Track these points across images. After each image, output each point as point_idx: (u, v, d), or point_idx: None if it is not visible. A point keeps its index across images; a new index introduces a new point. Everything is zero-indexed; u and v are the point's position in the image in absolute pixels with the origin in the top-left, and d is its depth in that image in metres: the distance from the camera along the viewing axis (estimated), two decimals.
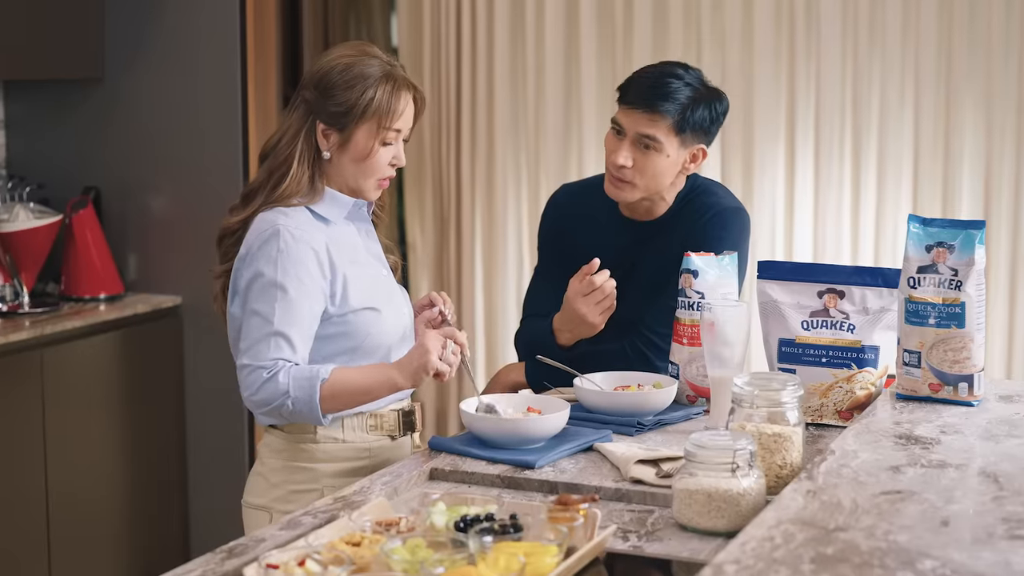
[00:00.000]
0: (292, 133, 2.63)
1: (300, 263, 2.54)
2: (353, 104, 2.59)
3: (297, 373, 2.50)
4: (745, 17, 4.87)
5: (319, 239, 2.58)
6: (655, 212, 3.14)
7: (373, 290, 2.65)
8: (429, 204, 5.45)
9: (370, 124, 2.61)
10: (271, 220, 2.57)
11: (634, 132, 3.02)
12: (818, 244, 4.86)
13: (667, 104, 2.98)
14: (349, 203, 2.67)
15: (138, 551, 4.50)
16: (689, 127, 3.00)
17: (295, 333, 2.53)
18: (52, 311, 4.33)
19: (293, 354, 2.52)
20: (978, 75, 4.59)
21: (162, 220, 4.65)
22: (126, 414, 4.44)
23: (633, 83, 3.06)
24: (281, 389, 2.49)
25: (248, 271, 2.56)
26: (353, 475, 2.60)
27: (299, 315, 2.53)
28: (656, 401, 2.76)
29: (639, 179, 3.04)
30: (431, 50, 5.36)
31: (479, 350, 5.41)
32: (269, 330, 2.52)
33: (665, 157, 3.02)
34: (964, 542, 1.79)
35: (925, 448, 2.26)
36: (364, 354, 2.62)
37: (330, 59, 2.64)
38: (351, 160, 2.63)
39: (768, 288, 2.81)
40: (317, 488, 2.60)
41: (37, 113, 4.74)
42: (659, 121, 2.99)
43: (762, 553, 1.74)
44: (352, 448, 2.64)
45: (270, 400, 2.51)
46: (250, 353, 2.53)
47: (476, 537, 1.87)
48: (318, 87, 2.61)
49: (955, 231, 2.59)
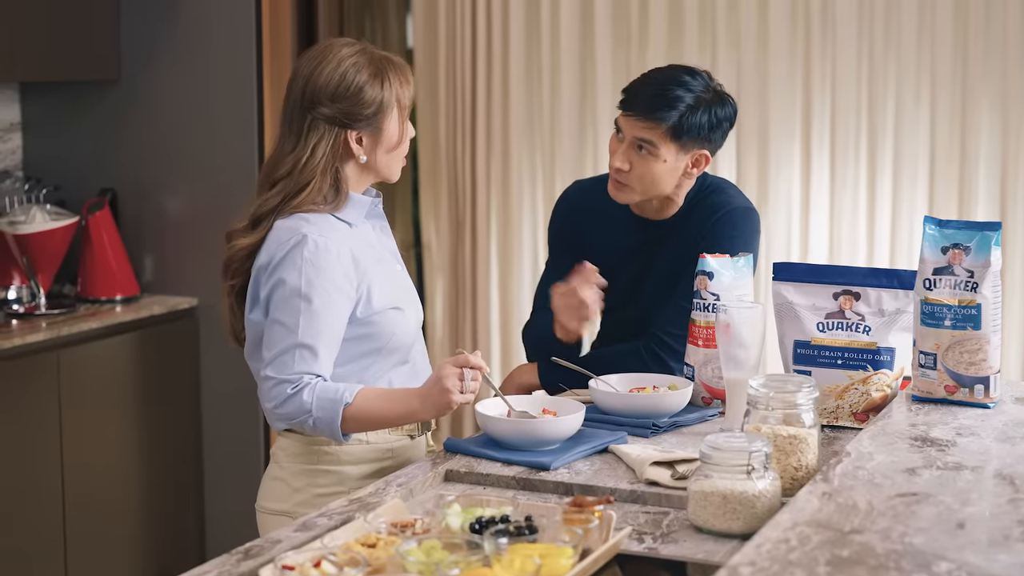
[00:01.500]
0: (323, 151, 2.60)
1: (325, 272, 2.53)
2: (381, 101, 2.61)
3: (322, 392, 2.50)
4: (760, 17, 4.86)
5: (344, 244, 2.58)
6: (666, 212, 3.14)
7: (395, 288, 2.67)
8: (444, 205, 5.45)
9: (394, 111, 2.64)
10: (294, 228, 2.56)
11: (631, 136, 3.02)
12: (834, 245, 4.86)
13: (664, 112, 2.98)
14: (367, 203, 2.68)
15: (154, 552, 4.51)
16: (686, 133, 3.00)
17: (320, 344, 2.52)
18: (68, 312, 4.34)
19: (317, 365, 2.52)
20: (994, 76, 4.58)
21: (178, 221, 4.66)
22: (142, 415, 4.45)
23: (635, 89, 3.07)
24: (305, 408, 2.50)
25: (271, 279, 2.55)
26: (378, 476, 2.60)
27: (324, 326, 2.53)
28: (671, 403, 2.76)
29: (636, 182, 3.04)
30: (446, 51, 5.36)
31: (494, 350, 5.41)
32: (293, 341, 2.51)
33: (662, 162, 3.02)
34: (980, 544, 1.78)
35: (941, 450, 2.26)
36: (388, 353, 2.63)
37: (330, 69, 2.61)
38: (385, 151, 2.66)
39: (783, 290, 2.80)
40: (343, 490, 2.59)
41: (53, 115, 4.75)
42: (655, 127, 2.99)
43: (777, 555, 1.74)
44: (376, 449, 2.65)
45: (293, 415, 2.52)
46: (274, 365, 2.52)
47: (491, 539, 1.87)
48: (336, 99, 2.60)
49: (971, 233, 2.58)
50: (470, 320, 5.44)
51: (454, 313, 5.49)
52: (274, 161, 2.65)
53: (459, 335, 5.48)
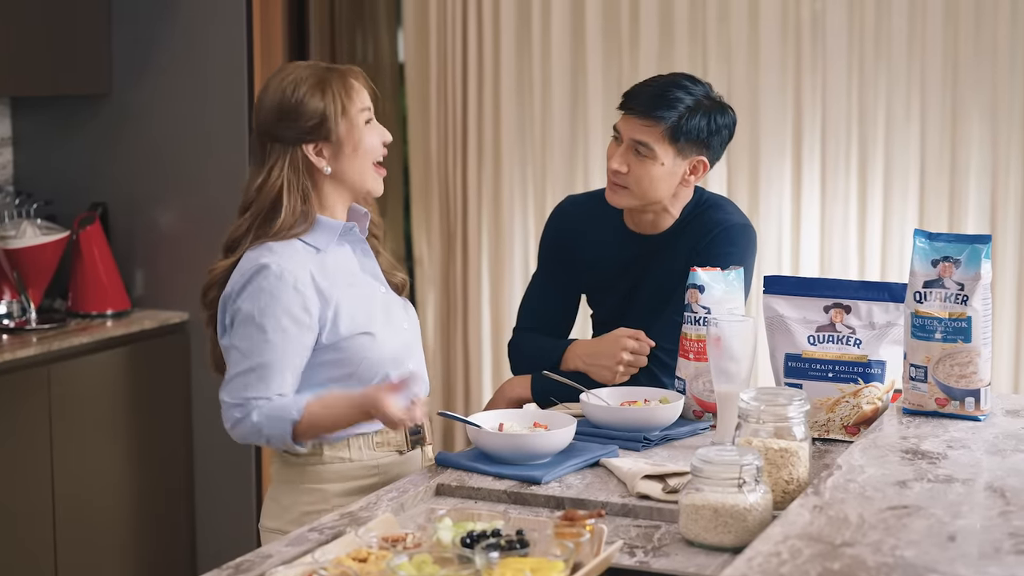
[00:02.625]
0: (279, 171, 2.61)
1: (280, 301, 2.53)
2: (323, 109, 2.60)
3: (270, 411, 2.52)
4: (751, 30, 4.87)
5: (305, 271, 2.57)
6: (660, 226, 3.14)
7: (368, 313, 2.64)
8: (436, 219, 5.45)
9: (345, 117, 2.62)
10: (255, 258, 2.57)
11: (629, 138, 3.03)
12: (824, 258, 4.86)
13: (663, 111, 2.99)
14: (339, 227, 2.66)
15: (145, 565, 4.50)
16: (683, 135, 3.00)
17: (273, 371, 2.54)
18: (59, 327, 4.34)
19: (267, 391, 2.53)
20: (985, 87, 4.59)
21: (169, 236, 4.65)
22: (133, 430, 4.44)
23: (636, 90, 3.08)
24: (255, 428, 2.53)
25: (231, 308, 2.58)
26: (362, 493, 2.59)
27: (278, 353, 2.54)
28: (662, 416, 2.76)
29: (634, 185, 3.04)
30: (437, 65, 5.37)
31: (485, 363, 5.41)
32: (246, 367, 2.54)
33: (660, 165, 3.02)
34: (971, 557, 1.78)
35: (932, 463, 2.26)
36: (360, 380, 2.61)
37: (272, 90, 2.62)
38: (348, 157, 2.63)
39: (774, 303, 2.80)
40: (327, 508, 2.59)
41: (45, 129, 4.75)
42: (653, 127, 3.00)
43: (769, 568, 1.74)
44: (360, 467, 2.64)
45: (247, 436, 2.56)
46: (227, 389, 2.57)
47: (482, 553, 1.87)
48: (281, 118, 2.60)
49: (961, 246, 2.59)
50: (461, 334, 5.44)
51: (445, 327, 5.48)
52: (246, 189, 2.67)
53: (450, 349, 5.48)
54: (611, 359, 3.01)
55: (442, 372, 5.50)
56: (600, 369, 3.03)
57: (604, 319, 3.24)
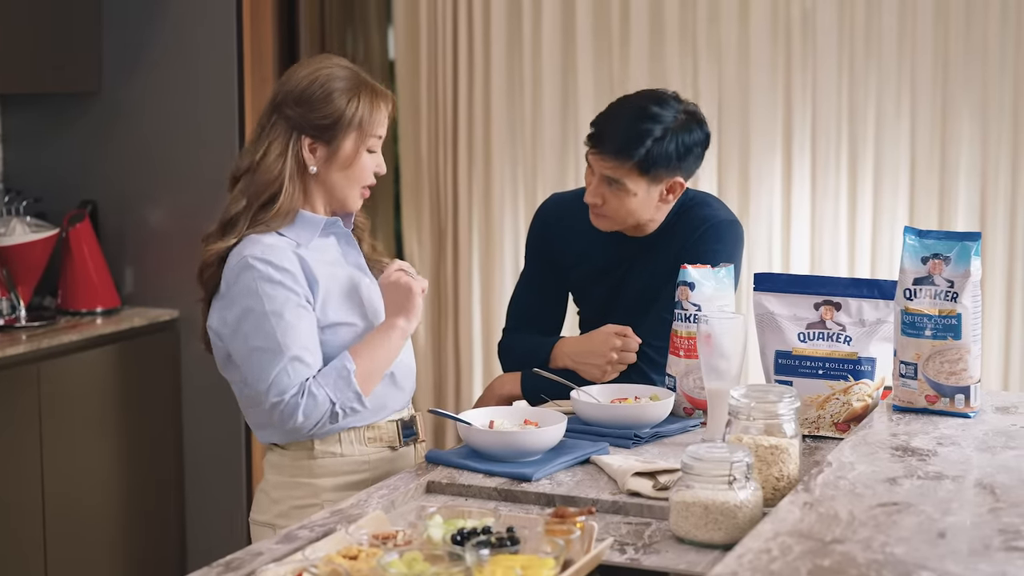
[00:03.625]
0: (277, 152, 2.60)
1: (279, 283, 2.53)
2: (340, 115, 2.59)
3: (325, 381, 2.52)
4: (741, 29, 4.87)
5: (290, 254, 2.57)
6: (646, 229, 3.13)
7: (353, 304, 2.64)
8: (426, 217, 5.45)
9: (356, 133, 2.61)
10: (239, 253, 2.57)
11: (600, 173, 3.02)
12: (815, 256, 4.87)
13: (630, 151, 2.96)
14: (321, 222, 2.65)
15: (135, 562, 4.50)
16: (654, 165, 2.98)
17: (305, 351, 2.53)
18: (49, 325, 4.33)
19: (310, 369, 2.53)
20: (975, 85, 4.60)
21: (159, 233, 4.65)
22: (123, 427, 4.44)
23: (600, 127, 3.03)
24: (324, 402, 2.51)
25: (231, 310, 2.55)
26: (354, 488, 2.60)
27: (299, 331, 2.52)
28: (653, 413, 2.76)
29: (612, 214, 3.04)
30: (428, 63, 5.36)
31: (476, 361, 5.41)
32: (283, 360, 2.51)
33: (633, 196, 3.00)
34: (961, 554, 1.79)
35: (922, 460, 2.26)
36: None
37: (305, 74, 2.62)
38: (337, 171, 2.63)
39: (765, 300, 2.81)
40: (317, 503, 2.60)
41: (35, 127, 4.74)
42: (622, 165, 2.98)
43: (759, 565, 1.74)
44: (350, 461, 2.64)
45: (321, 417, 2.53)
46: (274, 390, 2.51)
47: (473, 550, 1.87)
48: (300, 103, 2.60)
49: (951, 243, 2.59)
50: (452, 332, 5.43)
51: (436, 325, 5.48)
52: (240, 156, 2.67)
53: (441, 346, 5.48)
54: (600, 357, 3.01)
55: (433, 370, 5.50)
56: (589, 367, 3.03)
57: (590, 317, 3.23)
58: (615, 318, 3.10)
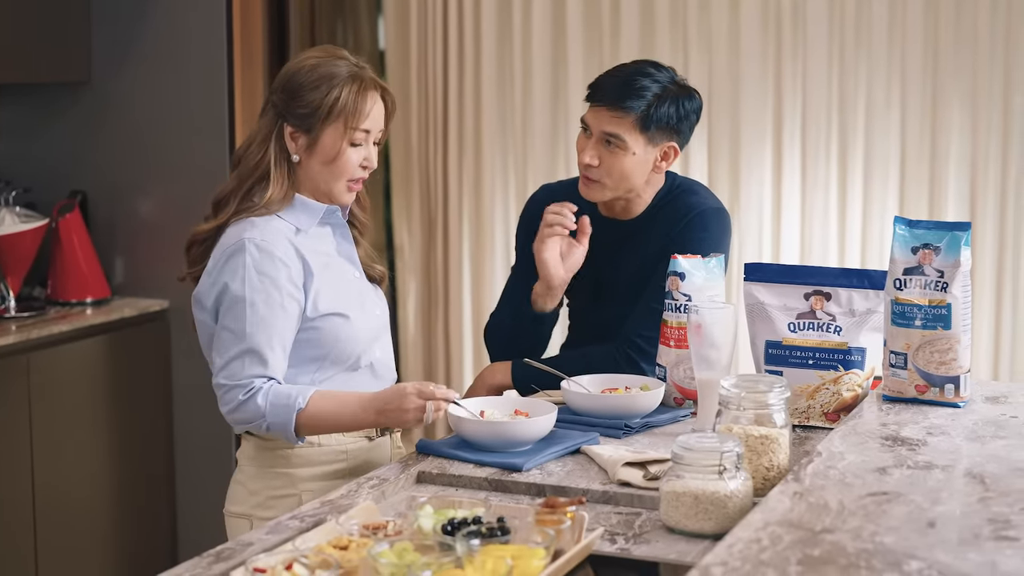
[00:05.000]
0: (262, 138, 2.61)
1: (268, 275, 2.52)
2: (319, 104, 2.57)
3: (275, 397, 2.49)
4: (732, 18, 4.88)
5: (288, 246, 2.56)
6: (633, 211, 3.13)
7: (343, 295, 2.63)
8: (417, 208, 5.45)
9: (337, 125, 2.58)
10: (237, 233, 2.56)
11: (599, 131, 3.02)
12: (805, 246, 4.87)
13: (631, 101, 2.98)
14: (321, 209, 2.64)
15: (126, 553, 4.50)
16: (654, 123, 3.00)
17: (268, 347, 2.51)
18: (39, 315, 4.32)
19: (268, 368, 2.51)
20: (964, 74, 4.60)
21: (149, 224, 4.64)
22: (113, 418, 4.43)
23: (601, 82, 3.06)
24: (259, 412, 2.49)
25: (215, 287, 2.55)
26: (331, 478, 2.60)
27: (271, 328, 2.51)
28: (643, 403, 2.76)
29: (607, 178, 3.04)
30: (418, 53, 5.36)
31: (467, 352, 5.41)
32: (242, 348, 2.50)
33: (631, 155, 3.01)
34: (950, 543, 1.79)
35: (911, 449, 2.27)
36: (334, 361, 2.61)
37: (297, 61, 2.63)
38: (320, 162, 2.61)
39: (755, 290, 2.81)
40: (295, 493, 2.59)
41: (24, 117, 4.73)
42: (623, 118, 2.99)
43: (749, 555, 1.74)
44: (328, 451, 2.63)
45: (248, 420, 2.52)
46: (225, 372, 2.52)
47: (463, 540, 1.87)
48: (285, 89, 2.60)
49: (941, 233, 2.59)
50: (442, 322, 5.44)
51: (426, 315, 5.48)
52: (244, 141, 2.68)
53: (431, 337, 5.48)
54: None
55: (423, 360, 5.50)
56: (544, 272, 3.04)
57: (579, 306, 3.24)
58: (604, 304, 3.10)
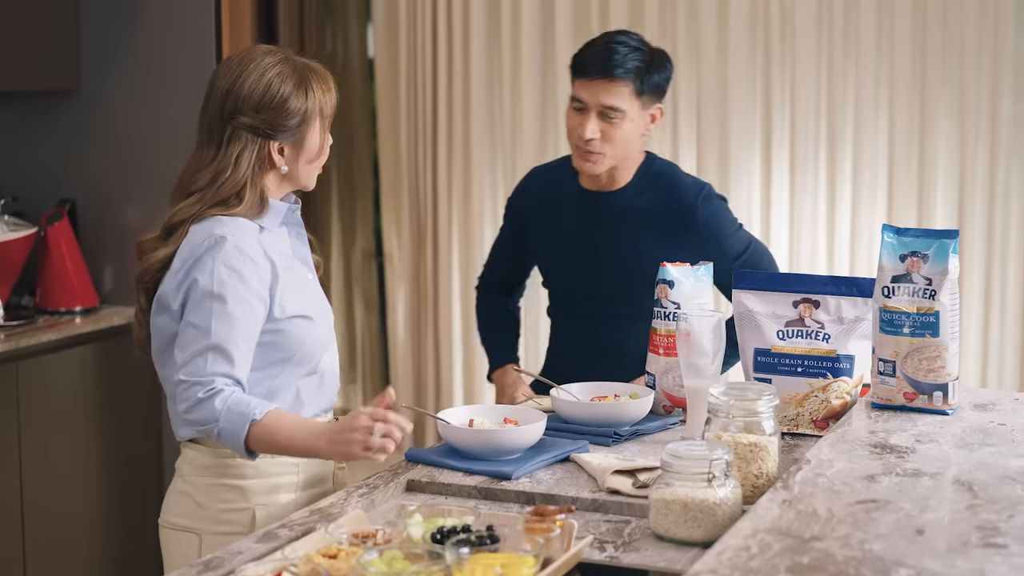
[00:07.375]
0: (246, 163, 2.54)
1: (239, 274, 2.46)
2: (304, 108, 2.55)
3: (233, 404, 2.39)
4: (720, 26, 4.88)
5: (256, 244, 2.52)
6: (620, 180, 3.19)
7: (305, 297, 2.59)
8: (406, 214, 5.45)
9: (316, 121, 2.58)
10: (208, 230, 2.50)
11: (597, 104, 3.05)
12: (793, 253, 4.88)
13: (623, 69, 3.05)
14: (284, 208, 2.61)
15: (113, 562, 4.49)
16: (648, 89, 3.09)
17: (234, 346, 2.44)
18: (27, 324, 4.31)
19: (231, 368, 2.43)
20: (952, 82, 4.62)
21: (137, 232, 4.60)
22: (101, 427, 4.42)
23: (586, 56, 3.12)
24: (214, 415, 2.38)
25: (183, 284, 2.48)
26: (284, 490, 2.53)
27: (238, 328, 2.44)
28: (632, 411, 2.76)
29: (608, 148, 3.09)
30: (407, 59, 5.36)
31: (456, 358, 5.41)
32: (206, 344, 2.42)
33: (630, 122, 3.08)
34: (939, 550, 1.79)
35: (900, 457, 2.27)
36: (296, 363, 2.55)
37: (254, 79, 2.56)
38: (306, 162, 2.60)
39: (744, 298, 2.81)
40: (248, 507, 2.51)
41: (12, 125, 4.72)
42: (620, 88, 3.06)
43: (738, 563, 1.75)
44: (280, 462, 2.53)
45: (202, 421, 2.41)
46: (187, 368, 2.43)
47: (453, 548, 1.87)
48: (259, 110, 2.54)
49: (929, 241, 2.60)
50: (431, 328, 5.44)
51: (416, 322, 5.48)
52: (192, 172, 2.59)
53: (421, 343, 5.48)
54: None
55: (412, 367, 5.50)
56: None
57: (560, 286, 3.27)
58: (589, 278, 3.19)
